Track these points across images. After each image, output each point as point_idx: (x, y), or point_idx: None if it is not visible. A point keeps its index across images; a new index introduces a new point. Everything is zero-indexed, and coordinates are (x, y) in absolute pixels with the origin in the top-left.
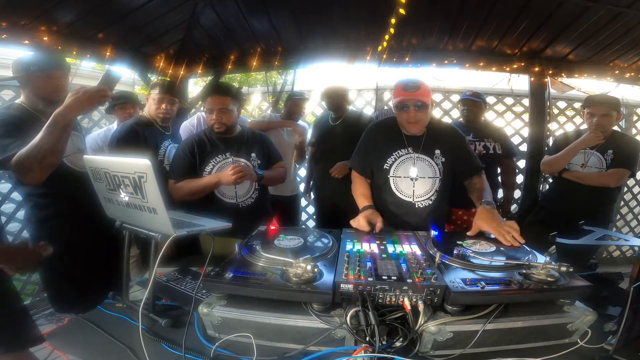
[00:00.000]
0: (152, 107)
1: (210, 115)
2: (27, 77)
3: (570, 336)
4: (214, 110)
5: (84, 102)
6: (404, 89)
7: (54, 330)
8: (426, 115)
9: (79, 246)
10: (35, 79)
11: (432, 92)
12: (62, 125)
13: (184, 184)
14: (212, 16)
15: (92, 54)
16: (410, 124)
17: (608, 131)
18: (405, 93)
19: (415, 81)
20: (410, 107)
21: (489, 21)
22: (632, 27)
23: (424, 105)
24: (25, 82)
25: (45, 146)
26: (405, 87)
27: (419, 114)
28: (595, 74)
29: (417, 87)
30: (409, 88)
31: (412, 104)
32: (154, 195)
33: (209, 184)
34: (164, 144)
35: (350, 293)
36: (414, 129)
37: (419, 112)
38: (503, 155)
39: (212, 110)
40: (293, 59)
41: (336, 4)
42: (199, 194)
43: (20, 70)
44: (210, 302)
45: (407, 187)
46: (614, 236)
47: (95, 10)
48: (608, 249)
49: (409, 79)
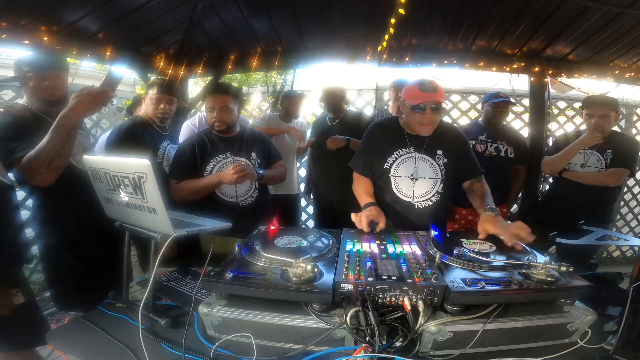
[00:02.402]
0: (150, 107)
1: (211, 113)
2: (26, 78)
3: (570, 336)
4: (215, 108)
5: (88, 104)
6: (422, 90)
7: (54, 330)
8: (439, 116)
9: (82, 245)
10: (34, 79)
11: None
12: (68, 127)
13: (186, 184)
14: (212, 16)
15: (92, 54)
16: (425, 125)
17: (607, 131)
18: (423, 94)
19: (432, 82)
20: (427, 108)
21: (489, 21)
22: (632, 27)
23: (440, 107)
24: (25, 83)
25: (53, 149)
26: (423, 88)
27: (435, 115)
28: (595, 74)
29: (434, 89)
30: (427, 89)
31: (429, 106)
32: (154, 195)
33: (211, 183)
34: (162, 145)
35: (350, 293)
36: (427, 131)
37: (434, 114)
38: (514, 160)
39: (213, 108)
40: (293, 59)
41: (336, 4)
42: (200, 193)
43: (20, 71)
44: (210, 302)
45: (407, 187)
46: (614, 236)
47: (95, 10)
48: (608, 249)
49: (423, 80)
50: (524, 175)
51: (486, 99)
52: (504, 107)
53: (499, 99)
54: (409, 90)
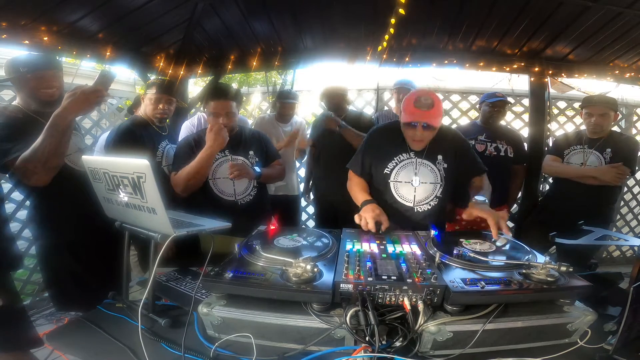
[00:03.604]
0: (149, 107)
1: (216, 119)
2: (19, 79)
3: (570, 336)
4: (221, 114)
5: (82, 104)
6: (416, 106)
7: (54, 330)
8: (433, 134)
9: (81, 245)
10: (27, 80)
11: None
12: (62, 127)
13: (182, 172)
14: (212, 16)
15: (92, 54)
16: (416, 142)
17: (606, 130)
18: (417, 111)
19: (428, 98)
20: (418, 125)
21: (489, 21)
22: (632, 27)
23: (432, 126)
24: (18, 84)
25: (48, 148)
26: (418, 105)
27: (426, 132)
28: (595, 74)
29: (429, 106)
30: (421, 106)
31: (420, 124)
32: (153, 195)
33: (202, 158)
34: (162, 145)
35: (350, 293)
36: (418, 147)
37: (426, 131)
38: (514, 160)
39: (219, 114)
40: (293, 59)
41: (336, 4)
42: (196, 175)
43: (12, 72)
44: (210, 302)
45: (407, 192)
46: (613, 236)
47: (95, 10)
48: (608, 249)
49: (420, 96)
50: (523, 175)
51: (483, 99)
52: (501, 106)
53: (495, 99)
54: (406, 102)
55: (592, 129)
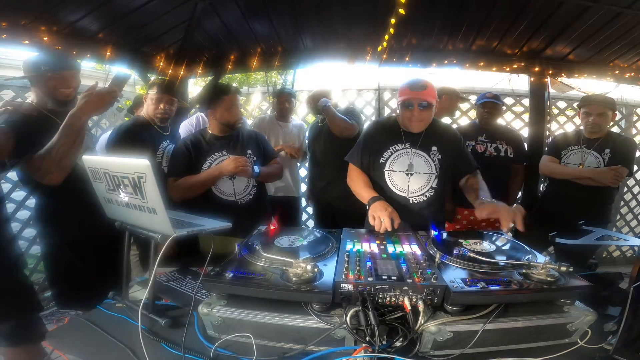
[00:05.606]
0: (150, 107)
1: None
2: (38, 77)
3: (570, 336)
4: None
5: (96, 104)
6: (411, 88)
7: (54, 330)
8: (430, 114)
9: (86, 243)
10: (47, 79)
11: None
12: (77, 127)
13: (184, 181)
14: (212, 16)
15: (92, 54)
16: (413, 122)
17: (604, 130)
18: (411, 92)
19: (421, 81)
20: (414, 105)
21: (489, 21)
22: (632, 27)
23: (429, 105)
24: (36, 82)
25: (63, 148)
26: (412, 87)
27: (424, 113)
28: (595, 74)
29: (423, 87)
30: (415, 87)
31: (416, 103)
32: (154, 195)
33: (210, 176)
34: (162, 145)
35: (350, 293)
36: (416, 127)
37: (423, 111)
38: (514, 159)
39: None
40: (293, 59)
41: (336, 4)
42: (200, 188)
43: (31, 70)
44: (210, 302)
45: (401, 182)
46: (613, 236)
47: (95, 10)
48: (608, 249)
49: (416, 79)
50: (522, 174)
51: (477, 100)
52: (491, 107)
53: (485, 99)
54: (401, 88)
55: (590, 128)
